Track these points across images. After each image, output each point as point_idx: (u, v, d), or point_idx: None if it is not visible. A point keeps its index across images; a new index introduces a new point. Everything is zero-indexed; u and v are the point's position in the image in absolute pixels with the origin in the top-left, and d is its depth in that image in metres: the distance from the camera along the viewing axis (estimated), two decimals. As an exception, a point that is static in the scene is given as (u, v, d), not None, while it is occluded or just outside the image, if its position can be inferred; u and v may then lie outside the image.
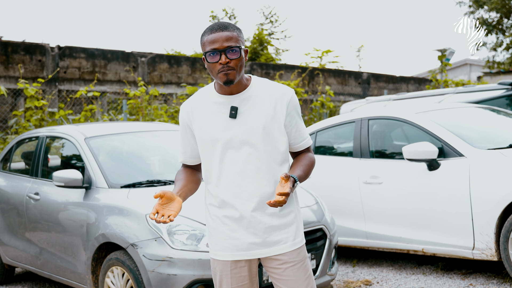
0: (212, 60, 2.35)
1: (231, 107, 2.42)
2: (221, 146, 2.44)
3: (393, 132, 5.89)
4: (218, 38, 2.35)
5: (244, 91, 2.45)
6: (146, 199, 4.29)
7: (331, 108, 12.78)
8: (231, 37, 2.36)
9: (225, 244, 2.48)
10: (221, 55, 2.34)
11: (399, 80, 19.20)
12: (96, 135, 5.08)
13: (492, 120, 6.00)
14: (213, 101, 2.47)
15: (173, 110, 10.33)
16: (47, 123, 8.46)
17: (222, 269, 2.51)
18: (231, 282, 2.51)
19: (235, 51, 2.35)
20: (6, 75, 11.20)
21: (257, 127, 2.42)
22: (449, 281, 5.03)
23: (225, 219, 2.47)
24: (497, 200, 4.65)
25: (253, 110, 2.43)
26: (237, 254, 2.47)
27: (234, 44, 2.36)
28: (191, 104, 2.52)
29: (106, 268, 4.25)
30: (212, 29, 2.39)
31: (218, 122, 2.44)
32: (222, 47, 2.34)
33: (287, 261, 2.47)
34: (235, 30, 2.39)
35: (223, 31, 2.36)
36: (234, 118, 2.42)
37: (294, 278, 2.47)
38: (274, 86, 2.48)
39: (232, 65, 2.35)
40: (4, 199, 5.58)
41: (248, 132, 2.42)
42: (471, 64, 29.28)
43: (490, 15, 25.13)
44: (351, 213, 5.72)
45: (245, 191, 2.43)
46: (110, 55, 12.78)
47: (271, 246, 2.46)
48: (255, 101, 2.44)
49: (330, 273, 4.56)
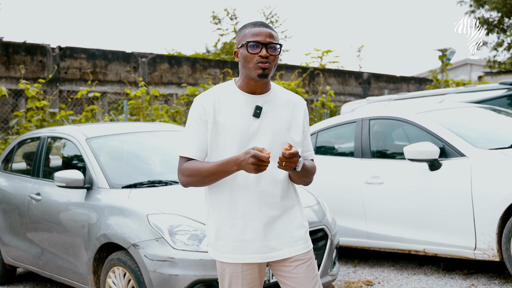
0: (253, 51, 2.42)
1: (256, 106, 2.46)
2: (241, 144, 2.43)
3: (394, 132, 5.89)
4: (262, 32, 2.44)
5: (267, 93, 2.51)
6: (147, 199, 4.29)
7: (332, 108, 12.78)
8: (272, 35, 2.46)
9: (236, 247, 2.47)
10: (262, 48, 2.41)
11: (400, 80, 19.19)
12: (97, 136, 5.08)
13: (493, 120, 6.00)
14: (236, 98, 2.48)
15: (174, 111, 10.33)
16: (48, 123, 8.46)
17: (232, 272, 2.49)
18: (241, 284, 2.49)
19: (275, 48, 2.44)
20: (7, 76, 11.21)
21: (278, 129, 2.46)
22: (450, 282, 5.03)
23: (236, 221, 2.46)
24: (499, 200, 4.64)
25: (275, 113, 2.48)
26: (249, 257, 2.46)
27: (276, 41, 2.45)
28: (213, 97, 2.47)
29: (107, 269, 4.25)
30: (255, 24, 2.48)
31: (242, 119, 2.45)
32: (264, 41, 2.43)
33: (298, 259, 2.50)
34: (274, 31, 2.50)
35: (267, 28, 2.46)
36: (258, 117, 2.45)
37: (304, 275, 2.49)
38: (291, 94, 2.60)
39: (271, 60, 2.42)
40: (6, 199, 5.58)
41: (270, 133, 2.45)
42: (471, 64, 29.26)
43: (491, 14, 25.12)
44: (352, 213, 5.72)
45: (259, 192, 2.44)
46: (110, 56, 12.78)
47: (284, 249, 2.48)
48: (277, 104, 2.50)
49: (331, 274, 4.55)
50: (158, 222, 3.98)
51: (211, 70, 14.41)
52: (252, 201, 2.44)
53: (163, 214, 4.04)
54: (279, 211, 2.47)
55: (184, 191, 4.50)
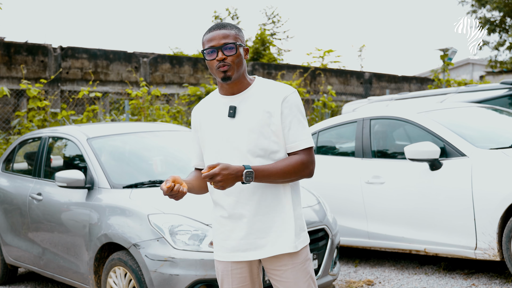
0: (210, 58, 2.42)
1: (230, 107, 2.46)
2: (219, 146, 2.47)
3: (395, 132, 5.89)
4: (215, 36, 2.42)
5: (245, 90, 2.48)
6: (148, 199, 4.30)
7: (333, 108, 12.78)
8: (228, 35, 2.42)
9: (225, 245, 2.51)
10: (217, 52, 2.40)
11: (401, 79, 19.18)
12: (98, 136, 5.09)
13: (494, 119, 5.99)
14: (216, 102, 2.53)
15: (175, 111, 10.34)
16: (49, 123, 8.47)
17: (223, 270, 2.54)
18: (231, 282, 2.52)
19: (231, 48, 2.40)
20: (8, 76, 11.22)
21: (253, 126, 2.42)
22: (451, 281, 5.03)
23: (223, 220, 2.50)
24: (499, 199, 4.64)
25: (251, 110, 2.44)
26: (235, 255, 2.49)
27: (230, 41, 2.41)
28: (199, 108, 2.60)
29: (108, 268, 4.26)
30: (210, 28, 2.47)
31: (218, 122, 2.48)
32: (218, 44, 2.41)
33: (287, 263, 2.46)
34: (233, 29, 2.45)
35: (221, 29, 2.43)
36: (233, 117, 2.45)
37: (293, 280, 2.46)
38: (275, 86, 2.48)
39: (229, 61, 2.40)
40: (7, 199, 5.59)
41: (244, 132, 2.43)
42: (473, 64, 29.24)
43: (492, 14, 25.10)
44: (353, 213, 5.72)
45: (241, 192, 2.44)
46: (112, 56, 12.79)
47: (267, 247, 2.45)
48: (255, 101, 2.45)
49: (332, 273, 4.56)
50: (159, 222, 3.99)
51: (212, 70, 14.40)
52: (237, 201, 2.45)
53: (164, 214, 4.05)
54: (265, 210, 2.44)
55: (185, 191, 4.51)
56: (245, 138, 2.42)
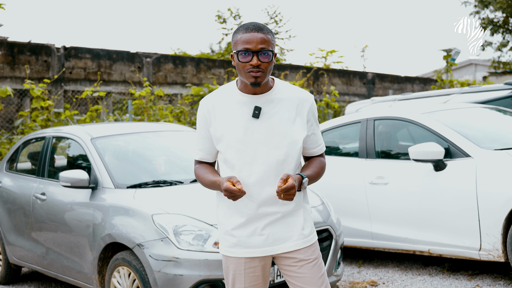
0: (244, 60, 2.36)
1: (255, 107, 2.44)
2: (242, 145, 2.44)
3: (399, 133, 5.88)
4: (252, 39, 2.36)
5: (268, 92, 2.47)
6: (152, 199, 4.30)
7: (336, 108, 12.78)
8: (265, 40, 2.37)
9: (238, 242, 2.50)
10: (253, 56, 2.35)
11: (404, 80, 19.17)
12: (102, 136, 5.09)
13: (498, 120, 5.98)
14: (236, 100, 2.48)
15: (178, 111, 10.34)
16: (53, 123, 8.48)
17: (235, 268, 2.52)
18: (244, 281, 2.51)
19: (268, 54, 2.37)
20: (12, 76, 11.24)
21: (279, 129, 2.44)
22: (455, 282, 5.01)
23: (238, 216, 2.49)
24: (504, 200, 4.63)
25: (275, 112, 2.45)
26: (249, 251, 2.48)
27: (268, 47, 2.37)
28: (213, 100, 2.51)
29: (112, 268, 4.26)
30: (247, 28, 2.39)
31: (240, 121, 2.45)
32: (255, 48, 2.36)
33: (303, 258, 2.49)
34: (269, 33, 2.40)
35: (258, 32, 2.37)
36: (257, 118, 2.43)
37: (310, 275, 2.49)
38: (296, 90, 2.52)
39: (263, 68, 2.37)
40: (11, 199, 5.60)
41: (269, 134, 2.43)
42: (476, 64, 29.22)
43: (495, 15, 25.06)
44: (357, 214, 5.71)
45: (260, 191, 2.45)
46: (115, 56, 12.80)
47: (283, 243, 2.48)
48: (278, 104, 2.46)
49: (336, 274, 4.55)
50: (163, 222, 3.99)
51: (215, 70, 14.42)
52: (252, 200, 2.46)
53: (168, 214, 4.05)
54: (281, 209, 2.48)
55: (189, 191, 4.51)
56: (269, 140, 2.44)
